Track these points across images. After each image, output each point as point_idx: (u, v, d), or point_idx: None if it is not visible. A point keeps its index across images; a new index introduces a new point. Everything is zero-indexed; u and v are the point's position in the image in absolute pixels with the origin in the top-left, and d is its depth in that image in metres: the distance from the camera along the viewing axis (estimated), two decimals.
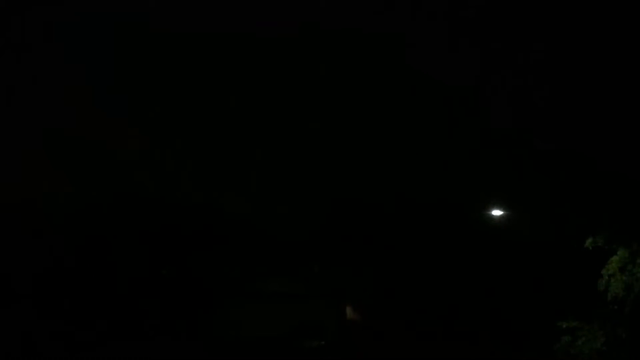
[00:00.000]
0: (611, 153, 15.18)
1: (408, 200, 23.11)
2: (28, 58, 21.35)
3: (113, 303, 23.04)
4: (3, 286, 22.67)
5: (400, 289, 23.84)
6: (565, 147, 15.45)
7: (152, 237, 24.14)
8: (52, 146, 23.07)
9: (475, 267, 22.42)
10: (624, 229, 14.25)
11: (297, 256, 24.06)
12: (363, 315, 24.38)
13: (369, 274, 24.29)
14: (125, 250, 23.86)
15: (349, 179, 23.29)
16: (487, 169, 20.59)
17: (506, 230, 21.24)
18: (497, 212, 21.40)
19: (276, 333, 22.66)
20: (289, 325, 22.84)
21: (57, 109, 21.98)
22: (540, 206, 18.36)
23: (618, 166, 14.82)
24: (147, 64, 21.88)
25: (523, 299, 20.85)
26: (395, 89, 20.54)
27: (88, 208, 24.25)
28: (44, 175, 22.66)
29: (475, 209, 22.02)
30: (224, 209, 24.22)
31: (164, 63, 21.80)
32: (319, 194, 23.82)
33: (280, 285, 23.33)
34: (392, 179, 22.75)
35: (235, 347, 22.27)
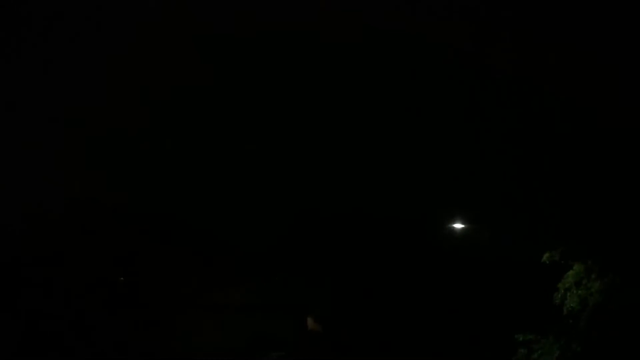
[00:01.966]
0: (569, 170, 15.50)
1: (369, 212, 23.20)
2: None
3: (61, 313, 22.52)
4: None
5: (360, 300, 23.86)
6: (524, 161, 15.73)
7: (104, 245, 23.65)
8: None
9: (435, 280, 22.59)
10: (580, 245, 14.54)
11: (257, 267, 23.90)
12: (323, 327, 24.34)
13: (329, 285, 24.28)
14: (75, 258, 23.30)
15: (311, 190, 23.27)
16: (449, 182, 20.79)
17: (466, 244, 21.48)
18: (458, 226, 21.64)
19: (235, 345, 22.46)
20: (249, 337, 22.68)
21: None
22: (500, 220, 18.61)
23: (575, 182, 15.14)
24: None
25: (481, 312, 21.07)
26: (355, 105, 20.61)
27: (35, 215, 23.59)
28: None
29: (437, 222, 22.23)
30: (182, 218, 23.87)
31: None
32: (280, 205, 23.73)
33: (240, 297, 23.17)
34: (354, 191, 22.80)
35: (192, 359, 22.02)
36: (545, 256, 14.87)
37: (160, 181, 23.41)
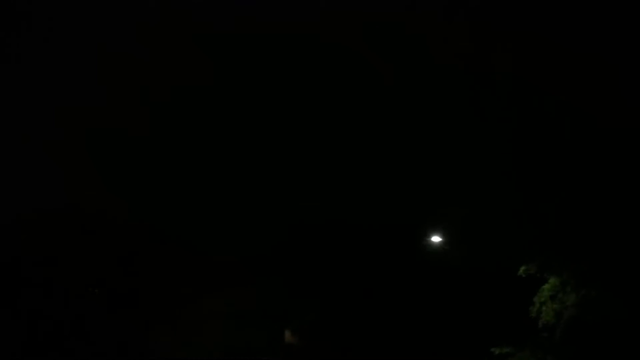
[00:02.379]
0: (546, 184, 15.66)
1: (350, 223, 23.22)
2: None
3: (38, 322, 22.24)
4: None
5: (339, 312, 23.82)
6: (502, 175, 15.85)
7: (80, 255, 23.36)
8: None
9: (414, 294, 22.63)
10: (556, 258, 14.67)
11: (236, 277, 23.75)
12: (301, 338, 24.23)
13: (309, 297, 24.20)
14: (50, 267, 23.01)
15: (293, 202, 23.24)
16: (428, 195, 20.90)
17: (445, 257, 21.57)
18: (436, 239, 21.72)
19: (212, 356, 22.26)
20: (225, 347, 22.49)
21: None
22: (477, 233, 18.73)
23: (552, 196, 15.29)
24: None
25: (459, 325, 21.13)
26: (336, 116, 20.69)
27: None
28: None
29: (415, 237, 22.31)
30: (161, 227, 23.67)
31: None
32: (261, 215, 23.65)
33: (218, 306, 22.99)
34: (335, 202, 22.82)
35: None
36: (522, 269, 14.98)
37: (141, 189, 23.25)
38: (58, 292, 22.77)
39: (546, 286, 14.75)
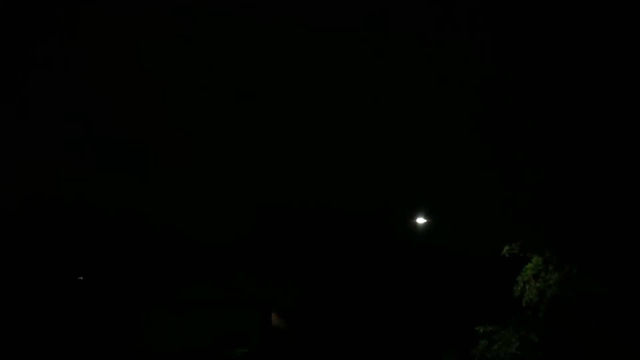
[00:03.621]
0: (528, 163, 15.76)
1: (333, 207, 23.27)
2: None
3: (25, 312, 22.11)
4: None
5: (324, 295, 23.96)
6: (484, 155, 15.93)
7: (66, 243, 23.22)
8: None
9: (398, 274, 22.80)
10: (539, 237, 14.82)
11: (221, 263, 23.77)
12: (288, 322, 24.36)
13: (293, 280, 24.29)
14: (38, 255, 22.86)
15: (275, 186, 23.22)
16: (411, 177, 20.96)
17: (428, 238, 21.72)
18: (420, 220, 21.85)
19: (199, 342, 22.31)
20: (212, 334, 22.55)
21: None
22: (460, 214, 18.85)
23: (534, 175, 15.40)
24: None
25: (443, 305, 21.36)
26: (321, 95, 20.59)
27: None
28: None
29: (399, 217, 22.42)
30: (145, 215, 23.56)
31: None
32: (244, 200, 23.61)
33: (204, 293, 23.01)
34: (318, 187, 22.83)
35: (155, 358, 21.80)
36: (505, 249, 15.13)
37: (123, 178, 23.07)
38: (43, 279, 22.64)
39: (529, 265, 14.91)
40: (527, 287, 14.80)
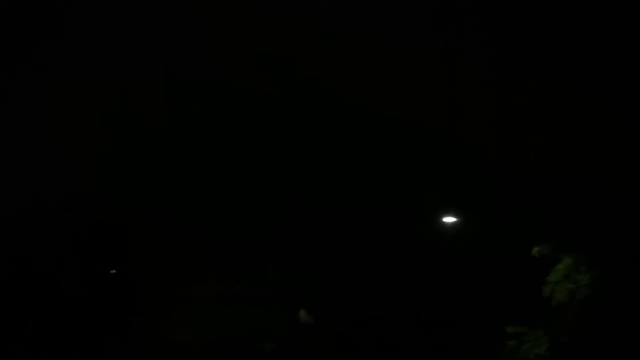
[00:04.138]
0: (559, 164, 15.70)
1: (361, 204, 23.32)
2: None
3: (45, 306, 22.46)
4: None
5: (353, 292, 24.02)
6: (517, 159, 15.91)
7: (89, 237, 23.49)
8: None
9: (426, 273, 22.78)
10: (570, 238, 14.78)
11: (251, 259, 23.96)
12: (316, 318, 24.49)
13: (321, 277, 24.39)
14: (60, 250, 23.17)
15: (305, 182, 23.34)
16: (439, 176, 20.94)
17: (457, 237, 21.67)
18: (448, 219, 21.83)
19: (228, 336, 22.58)
20: (241, 329, 22.78)
21: None
22: (490, 214, 18.82)
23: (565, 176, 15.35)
24: None
25: (472, 305, 21.30)
26: (342, 98, 20.68)
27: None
28: None
29: (427, 216, 22.40)
30: (171, 210, 23.78)
31: None
32: (271, 197, 23.76)
33: (232, 289, 23.23)
34: (345, 184, 22.89)
35: (185, 352, 22.09)
36: (535, 250, 15.11)
37: (149, 173, 23.33)
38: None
39: (560, 266, 14.87)
40: (557, 287, 14.77)
